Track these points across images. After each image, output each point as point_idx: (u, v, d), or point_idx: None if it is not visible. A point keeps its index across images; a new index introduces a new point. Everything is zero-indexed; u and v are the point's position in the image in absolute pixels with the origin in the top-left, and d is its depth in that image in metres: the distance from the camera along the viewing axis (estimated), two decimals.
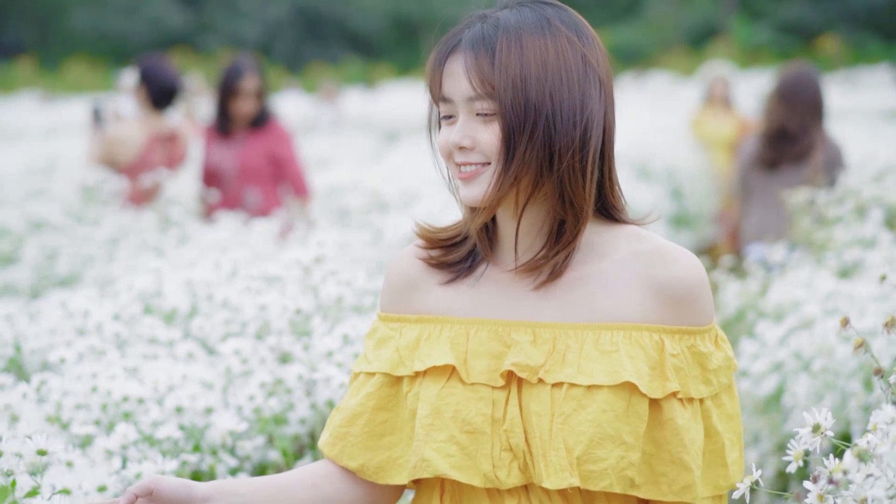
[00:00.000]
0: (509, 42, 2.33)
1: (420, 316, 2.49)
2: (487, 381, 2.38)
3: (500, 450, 2.36)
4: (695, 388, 2.35)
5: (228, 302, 4.14)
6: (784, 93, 7.70)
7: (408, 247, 2.60)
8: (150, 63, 8.36)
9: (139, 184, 7.99)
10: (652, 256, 2.38)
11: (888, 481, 1.91)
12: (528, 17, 2.37)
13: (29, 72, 40.16)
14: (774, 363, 4.63)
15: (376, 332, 2.54)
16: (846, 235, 5.49)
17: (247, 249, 5.11)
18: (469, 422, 2.37)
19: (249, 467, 3.56)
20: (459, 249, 2.50)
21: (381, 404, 2.48)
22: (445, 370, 2.42)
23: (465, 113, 2.37)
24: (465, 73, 2.36)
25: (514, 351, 2.38)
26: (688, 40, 45.18)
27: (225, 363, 3.74)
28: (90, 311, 4.11)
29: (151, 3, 50.16)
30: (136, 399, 3.46)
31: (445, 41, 2.42)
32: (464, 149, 2.37)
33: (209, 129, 8.42)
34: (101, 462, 3.21)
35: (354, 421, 2.50)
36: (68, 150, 12.86)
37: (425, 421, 2.40)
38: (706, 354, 2.37)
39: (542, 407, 2.34)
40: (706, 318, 2.38)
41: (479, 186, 2.37)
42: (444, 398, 2.40)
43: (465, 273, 2.49)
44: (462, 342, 2.42)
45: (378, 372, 2.49)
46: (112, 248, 6.72)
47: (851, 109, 21.33)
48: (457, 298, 2.47)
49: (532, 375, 2.35)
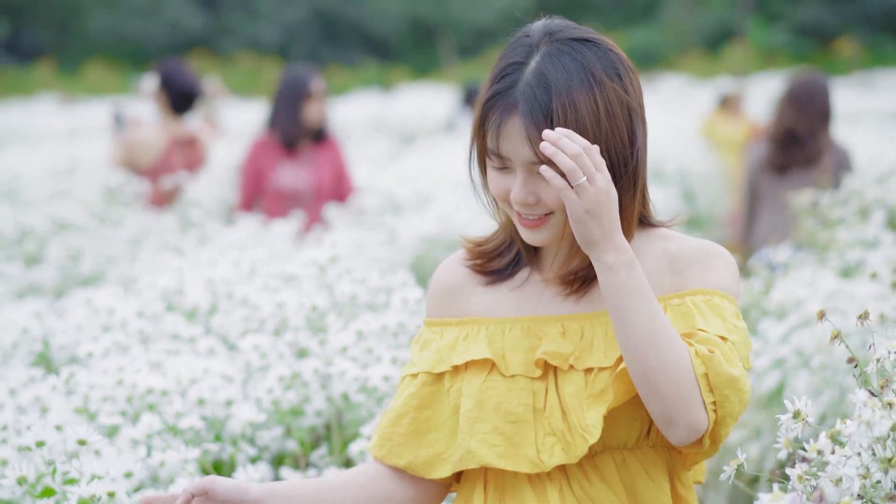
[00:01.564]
0: (564, 106, 2.40)
1: (461, 319, 2.61)
2: (526, 372, 2.51)
3: (545, 435, 2.48)
4: (709, 326, 2.42)
5: (247, 300, 4.28)
6: (795, 98, 7.80)
7: (452, 255, 2.72)
8: (169, 68, 8.45)
9: (160, 186, 8.12)
10: (677, 249, 2.53)
11: (858, 460, 2.06)
12: (572, 69, 2.43)
13: (48, 75, 40.27)
14: (776, 360, 4.75)
15: (421, 337, 2.66)
16: (849, 236, 5.62)
17: (265, 249, 5.26)
18: (511, 412, 2.49)
19: (268, 457, 3.71)
20: (504, 258, 2.63)
21: (423, 402, 2.59)
22: (485, 365, 2.54)
23: (524, 171, 2.45)
24: (526, 140, 2.42)
25: (546, 342, 2.51)
26: (704, 43, 45.20)
27: (244, 358, 3.88)
28: (115, 309, 4.25)
29: (169, 5, 50.27)
30: (159, 391, 3.60)
31: (495, 97, 2.48)
32: (528, 204, 2.46)
33: (265, 145, 8.03)
34: (127, 451, 3.34)
35: (399, 421, 2.60)
36: (89, 153, 12.99)
37: (469, 414, 2.51)
38: (726, 309, 2.46)
39: (576, 388, 2.46)
40: (725, 285, 2.49)
41: (545, 233, 2.48)
42: (485, 391, 2.51)
43: (506, 276, 2.62)
44: (499, 339, 2.55)
45: (421, 372, 2.60)
46: (134, 249, 6.85)
47: (867, 112, 21.36)
48: (496, 301, 2.60)
49: (563, 363, 2.48)
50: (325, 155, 8.00)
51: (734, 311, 2.47)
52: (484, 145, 2.49)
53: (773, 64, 36.89)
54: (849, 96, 24.22)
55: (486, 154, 2.50)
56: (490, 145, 2.47)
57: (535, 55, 2.46)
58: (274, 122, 8.01)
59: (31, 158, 12.68)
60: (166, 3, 50.15)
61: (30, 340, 4.27)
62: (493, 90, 2.48)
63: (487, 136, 2.47)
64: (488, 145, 2.47)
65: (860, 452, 2.13)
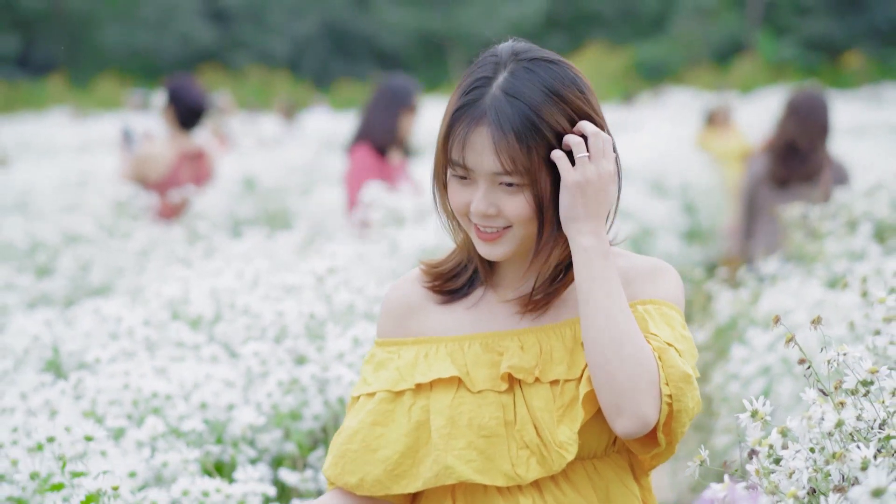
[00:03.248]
0: (531, 119, 2.47)
1: (417, 338, 2.66)
2: (492, 387, 2.56)
3: (518, 448, 2.53)
4: (661, 332, 2.50)
5: (249, 309, 4.42)
6: (795, 112, 7.89)
7: (407, 274, 2.78)
8: (178, 84, 8.54)
9: (168, 199, 8.25)
10: (626, 266, 2.60)
11: (805, 454, 2.22)
12: (538, 84, 2.51)
13: (59, 89, 40.34)
14: (763, 367, 4.87)
15: (374, 357, 2.70)
16: (836, 248, 5.73)
17: (268, 260, 5.39)
18: (484, 426, 2.54)
19: (268, 458, 3.85)
20: (461, 278, 2.70)
21: (377, 420, 2.61)
22: (452, 382, 2.58)
23: (487, 182, 2.51)
24: (493, 150, 2.48)
25: (507, 356, 2.57)
26: (713, 56, 45.23)
27: (245, 364, 4.02)
28: (122, 317, 4.39)
29: (181, 19, 50.43)
30: (164, 395, 3.74)
31: (462, 109, 2.53)
32: (488, 216, 2.52)
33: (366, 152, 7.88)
34: (133, 452, 3.49)
35: (353, 438, 2.63)
36: (99, 166, 13.09)
37: (443, 431, 2.55)
38: (674, 319, 2.54)
39: (544, 402, 2.53)
40: (672, 297, 2.58)
41: (502, 247, 2.55)
42: (457, 408, 2.56)
43: (461, 296, 2.69)
44: (460, 356, 2.60)
45: (379, 391, 2.63)
46: (142, 260, 6.95)
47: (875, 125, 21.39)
48: (452, 319, 2.66)
49: (528, 376, 2.54)
50: (402, 169, 8.03)
51: (682, 322, 2.55)
52: (447, 158, 2.55)
53: (782, 77, 36.91)
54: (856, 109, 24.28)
55: (450, 165, 2.55)
56: (455, 157, 2.52)
57: (502, 72, 2.53)
58: (368, 130, 7.94)
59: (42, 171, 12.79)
60: (177, 17, 50.31)
61: (40, 347, 4.40)
62: (461, 102, 2.53)
63: (453, 148, 2.52)
64: (453, 157, 2.53)
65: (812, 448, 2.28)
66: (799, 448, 2.26)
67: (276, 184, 10.38)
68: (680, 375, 2.44)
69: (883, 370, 2.36)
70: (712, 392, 5.25)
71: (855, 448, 2.19)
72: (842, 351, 2.39)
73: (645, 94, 32.61)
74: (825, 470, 2.26)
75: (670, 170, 13.14)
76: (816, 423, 2.28)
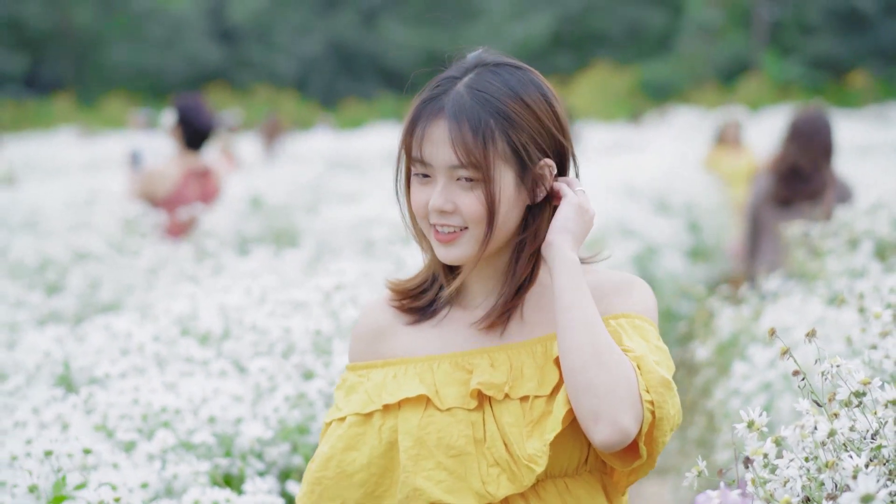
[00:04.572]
0: (492, 114, 2.50)
1: (386, 360, 2.66)
2: (462, 404, 2.55)
3: (488, 466, 2.51)
4: (636, 346, 2.50)
5: (257, 325, 4.48)
6: (799, 133, 7.92)
7: (375, 297, 2.80)
8: (186, 103, 8.58)
9: (176, 217, 8.31)
10: (596, 281, 2.61)
11: (799, 462, 2.28)
12: (502, 85, 2.54)
13: (67, 108, 40.51)
14: (764, 383, 4.91)
15: (345, 382, 2.70)
16: (837, 266, 5.78)
17: (276, 277, 5.45)
18: (453, 445, 2.52)
19: (276, 471, 3.90)
20: (426, 295, 2.70)
21: (349, 444, 2.61)
22: (420, 401, 2.57)
23: (444, 178, 2.52)
24: (449, 142, 2.50)
25: (477, 373, 2.56)
26: (718, 76, 45.31)
27: (254, 379, 4.08)
28: (132, 333, 4.46)
29: (188, 39, 50.63)
30: (173, 410, 3.80)
31: (424, 103, 2.56)
32: (444, 212, 2.53)
33: None
34: (144, 464, 3.55)
35: (327, 464, 2.62)
36: (107, 185, 13.15)
37: (411, 452, 2.54)
38: (649, 332, 2.55)
39: (514, 418, 2.52)
40: (644, 310, 2.59)
41: (459, 249, 2.55)
42: (424, 427, 2.54)
43: (429, 315, 2.68)
44: (429, 375, 2.59)
45: (349, 414, 2.63)
46: (151, 278, 6.98)
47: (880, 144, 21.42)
48: (420, 340, 2.66)
49: (498, 392, 2.53)
50: None
51: (656, 335, 2.57)
52: (409, 156, 2.57)
53: (788, 97, 36.97)
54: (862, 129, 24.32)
55: (412, 164, 2.57)
56: (415, 153, 2.55)
57: (468, 74, 2.57)
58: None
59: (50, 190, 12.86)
60: (184, 36, 50.51)
61: (51, 363, 4.46)
62: (424, 98, 2.57)
63: (414, 144, 2.55)
64: (413, 152, 2.55)
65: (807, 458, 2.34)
66: (793, 457, 2.32)
67: (283, 202, 10.44)
68: (660, 380, 2.44)
69: (875, 381, 2.41)
70: (714, 408, 5.29)
71: (847, 457, 2.26)
72: (835, 363, 2.45)
73: (651, 113, 32.69)
74: (819, 479, 2.32)
75: (675, 188, 13.19)
76: (810, 433, 2.34)
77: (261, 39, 52.02)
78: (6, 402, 4.04)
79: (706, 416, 5.47)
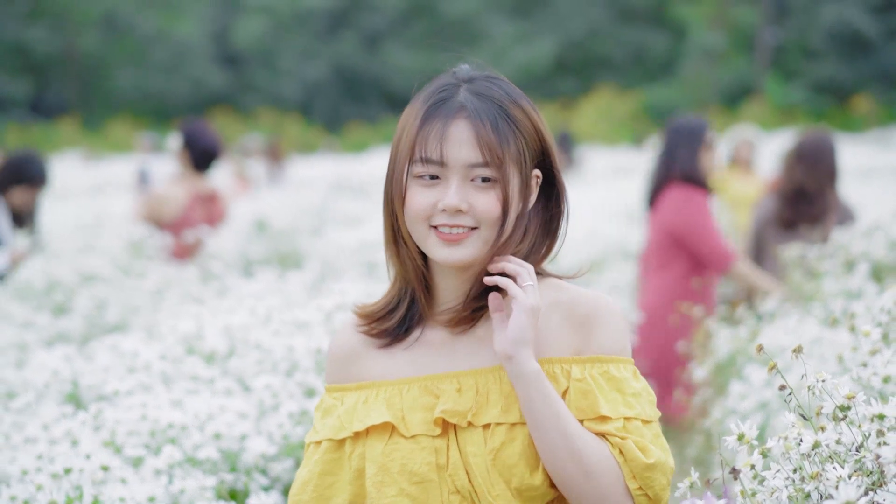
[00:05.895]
0: (505, 114, 2.54)
1: (359, 383, 2.64)
2: (426, 431, 2.54)
3: (449, 493, 2.52)
4: (612, 409, 2.51)
5: (261, 344, 4.55)
6: (803, 156, 7.95)
7: (346, 321, 2.78)
8: (193, 128, 8.69)
9: (182, 240, 8.41)
10: (566, 297, 2.60)
11: (786, 473, 2.36)
12: (502, 93, 2.58)
13: (72, 131, 40.60)
14: (760, 402, 4.98)
15: (323, 403, 2.70)
16: (834, 287, 5.85)
17: (281, 298, 5.54)
18: (415, 472, 2.52)
19: (280, 486, 3.97)
20: (394, 316, 2.66)
21: (326, 469, 2.62)
22: (386, 428, 2.57)
23: (460, 177, 2.51)
24: (474, 141, 2.50)
25: (443, 400, 2.55)
26: (722, 99, 45.38)
27: (258, 397, 4.15)
28: (139, 352, 4.54)
29: (192, 63, 50.79)
30: (180, 426, 3.87)
31: (436, 104, 2.57)
32: (458, 212, 2.52)
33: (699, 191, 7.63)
34: (151, 479, 3.62)
35: (304, 488, 2.64)
36: (113, 208, 13.23)
37: (375, 479, 2.55)
38: (622, 379, 2.54)
39: (476, 447, 2.51)
40: (618, 347, 2.57)
41: (465, 250, 2.53)
42: (389, 454, 2.55)
43: (400, 337, 2.65)
44: (397, 401, 2.58)
45: (324, 439, 2.63)
46: (157, 299, 7.07)
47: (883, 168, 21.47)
48: (392, 362, 2.64)
49: (461, 420, 2.52)
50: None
51: (630, 374, 2.57)
52: (414, 159, 2.55)
53: (791, 121, 37.03)
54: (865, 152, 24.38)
55: (419, 165, 2.54)
56: (429, 153, 2.53)
57: (464, 84, 2.60)
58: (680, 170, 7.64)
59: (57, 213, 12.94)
60: (189, 61, 50.66)
61: (60, 381, 4.52)
62: (432, 101, 2.58)
63: (427, 144, 2.53)
64: (426, 153, 2.53)
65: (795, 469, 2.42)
66: (779, 468, 2.40)
67: (288, 225, 10.53)
68: (642, 467, 2.47)
69: (860, 396, 2.49)
70: (711, 427, 5.36)
71: (831, 468, 2.33)
72: (820, 377, 2.53)
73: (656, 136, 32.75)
74: (805, 491, 2.39)
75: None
76: (795, 445, 2.42)
77: (265, 64, 52.18)
78: (16, 419, 4.10)
79: (704, 435, 5.54)
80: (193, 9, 52.63)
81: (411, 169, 2.57)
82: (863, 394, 2.53)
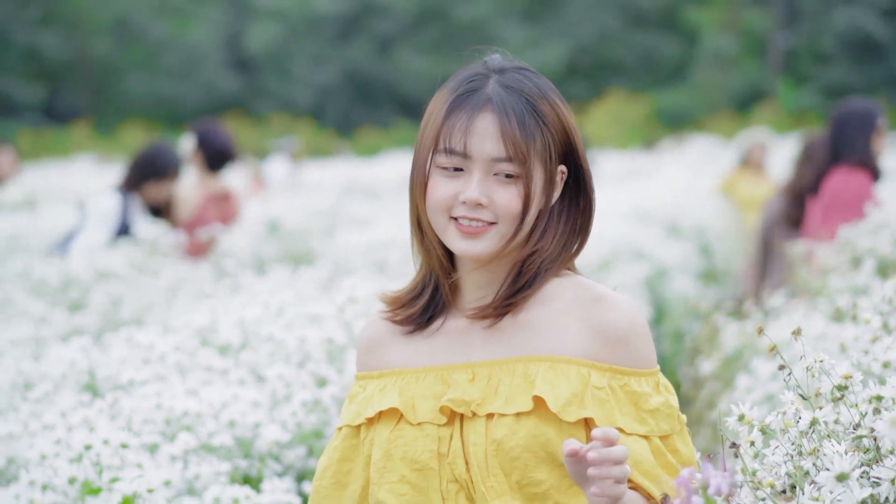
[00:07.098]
0: (534, 109, 2.54)
1: (381, 371, 2.67)
2: (433, 419, 2.57)
3: (447, 482, 2.55)
4: (625, 422, 2.52)
5: (274, 336, 4.62)
6: (811, 156, 8.06)
7: (373, 311, 2.81)
8: (205, 129, 8.81)
9: (196, 238, 8.51)
10: (592, 302, 2.60)
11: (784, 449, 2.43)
12: (533, 86, 2.58)
13: (84, 136, 40.63)
14: (767, 395, 5.04)
15: (351, 390, 2.75)
16: (840, 283, 5.90)
17: (293, 293, 5.60)
18: (416, 460, 2.56)
19: (293, 474, 4.05)
20: (418, 302, 2.67)
21: (344, 455, 2.67)
22: (394, 415, 2.60)
23: (482, 171, 2.52)
24: (499, 135, 2.50)
25: (452, 389, 2.57)
26: (733, 104, 45.32)
27: (271, 386, 4.22)
28: (154, 344, 4.59)
29: (205, 68, 50.87)
30: (195, 414, 3.94)
31: (463, 95, 2.56)
32: (478, 206, 2.53)
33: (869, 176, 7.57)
34: (166, 465, 3.70)
35: (324, 474, 2.70)
36: None
37: (379, 464, 2.59)
38: (641, 394, 2.56)
39: (477, 437, 2.53)
40: (643, 362, 2.59)
41: (484, 243, 2.54)
42: (393, 441, 2.58)
43: (423, 326, 2.67)
44: (411, 388, 2.61)
45: (344, 426, 2.69)
46: (170, 296, 7.15)
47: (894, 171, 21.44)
48: (413, 351, 2.66)
49: (466, 409, 2.55)
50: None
51: (652, 386, 2.59)
52: (438, 148, 2.55)
53: (802, 125, 36.98)
54: None
55: (443, 155, 2.54)
56: (453, 144, 2.53)
57: (494, 74, 2.60)
58: (851, 154, 7.57)
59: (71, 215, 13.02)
60: (201, 65, 50.74)
61: (77, 372, 4.58)
62: (460, 91, 2.57)
63: (452, 136, 2.53)
64: (450, 144, 2.53)
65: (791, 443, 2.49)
66: (778, 444, 2.46)
67: (300, 226, 10.59)
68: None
69: (857, 376, 2.55)
70: (718, 420, 5.42)
71: (829, 444, 2.40)
72: (818, 358, 2.60)
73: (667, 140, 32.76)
74: (803, 468, 2.45)
75: (686, 212, 13.29)
76: (794, 423, 2.48)
77: (277, 69, 52.26)
78: (34, 408, 4.18)
79: (711, 428, 5.60)
80: (206, 14, 52.73)
81: (435, 158, 2.57)
82: (860, 374, 2.59)
